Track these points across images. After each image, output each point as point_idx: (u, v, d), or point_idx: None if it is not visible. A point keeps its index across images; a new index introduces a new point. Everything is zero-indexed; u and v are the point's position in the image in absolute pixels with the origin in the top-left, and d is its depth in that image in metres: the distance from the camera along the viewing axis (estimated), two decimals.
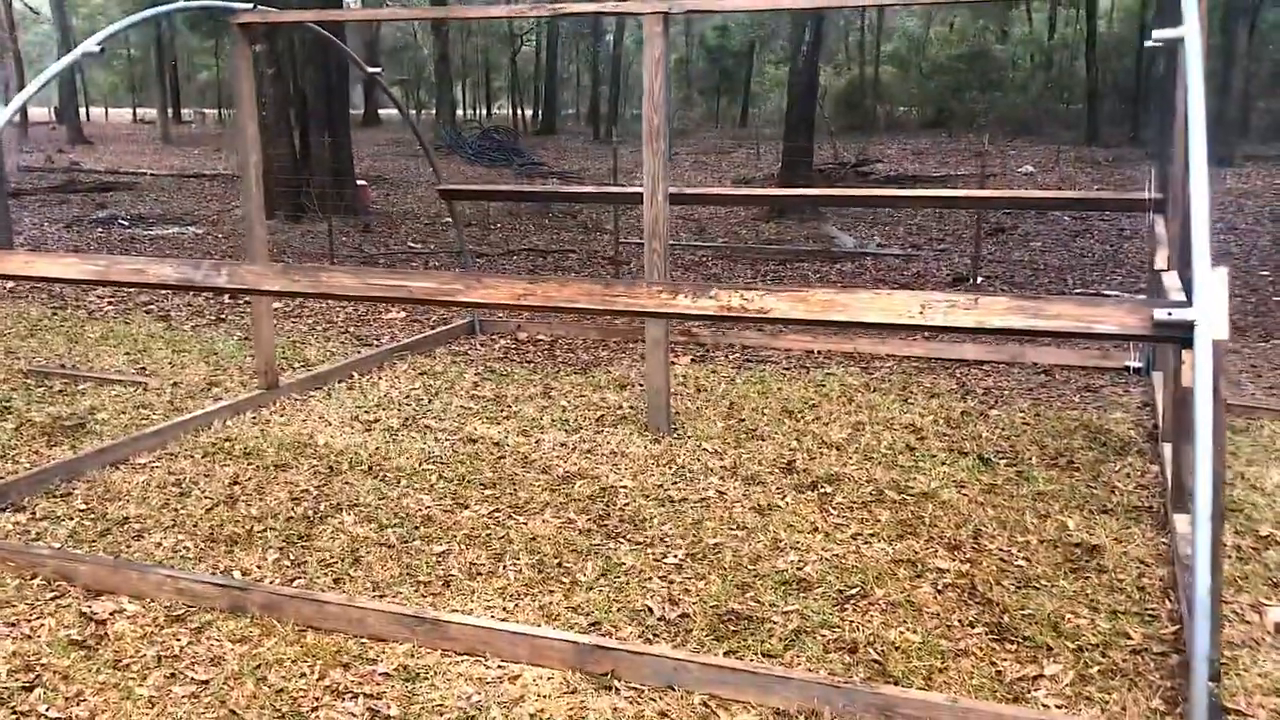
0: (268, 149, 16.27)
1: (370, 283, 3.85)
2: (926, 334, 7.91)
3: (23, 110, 40.61)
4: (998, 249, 12.97)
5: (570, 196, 13.51)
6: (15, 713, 3.14)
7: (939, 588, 3.97)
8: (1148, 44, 4.12)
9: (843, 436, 5.68)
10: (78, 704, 3.17)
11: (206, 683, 3.29)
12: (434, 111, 41.47)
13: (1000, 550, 4.30)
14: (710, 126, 48.11)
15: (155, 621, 3.68)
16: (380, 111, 51.72)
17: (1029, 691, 3.29)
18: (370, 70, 7.15)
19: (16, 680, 3.29)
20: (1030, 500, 4.82)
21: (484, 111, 60.08)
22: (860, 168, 22.20)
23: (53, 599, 3.84)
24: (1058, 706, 3.20)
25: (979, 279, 10.76)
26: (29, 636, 3.56)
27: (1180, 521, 4.36)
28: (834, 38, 46.36)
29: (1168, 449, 5.00)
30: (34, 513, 4.68)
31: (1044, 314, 3.15)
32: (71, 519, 4.61)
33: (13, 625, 3.65)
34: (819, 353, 7.67)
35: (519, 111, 52.07)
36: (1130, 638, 3.60)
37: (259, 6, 5.98)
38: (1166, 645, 3.55)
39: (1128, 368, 7.00)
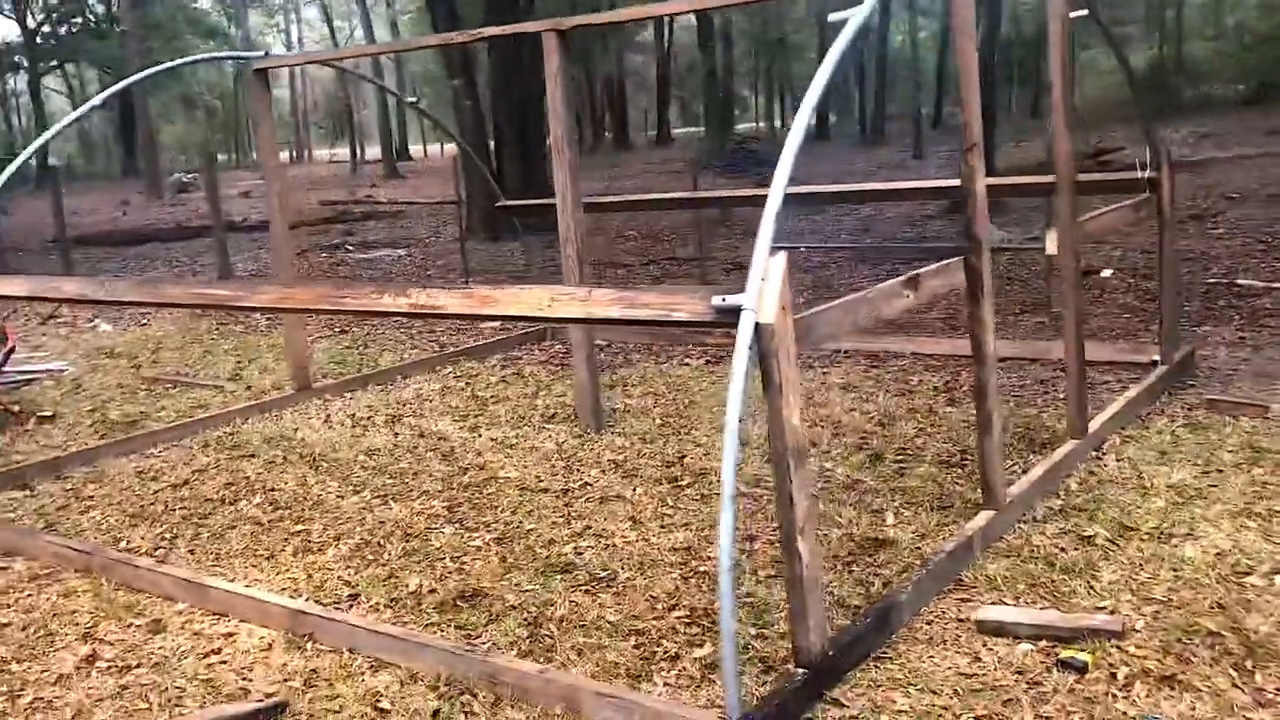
0: (469, 176, 17.64)
1: (190, 291, 4.47)
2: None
3: (355, 150, 44.48)
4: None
5: (636, 205, 13.29)
6: None
7: (689, 576, 4.06)
8: None
9: (760, 433, 5.69)
10: None
11: (5, 625, 4.00)
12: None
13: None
14: (1001, 119, 46.07)
15: (23, 577, 4.46)
16: (674, 132, 53.90)
17: (665, 671, 3.37)
18: (408, 100, 7.90)
19: None
20: (875, 496, 4.71)
21: (767, 124, 60.58)
22: (1101, 157, 20.72)
23: None
24: (666, 685, 3.28)
25: (1108, 272, 10.01)
26: None
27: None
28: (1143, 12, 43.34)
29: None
30: (33, 492, 5.68)
31: (637, 303, 3.26)
32: (51, 498, 5.56)
33: None
34: (844, 352, 7.56)
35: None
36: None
37: (269, 54, 6.83)
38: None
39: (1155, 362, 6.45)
